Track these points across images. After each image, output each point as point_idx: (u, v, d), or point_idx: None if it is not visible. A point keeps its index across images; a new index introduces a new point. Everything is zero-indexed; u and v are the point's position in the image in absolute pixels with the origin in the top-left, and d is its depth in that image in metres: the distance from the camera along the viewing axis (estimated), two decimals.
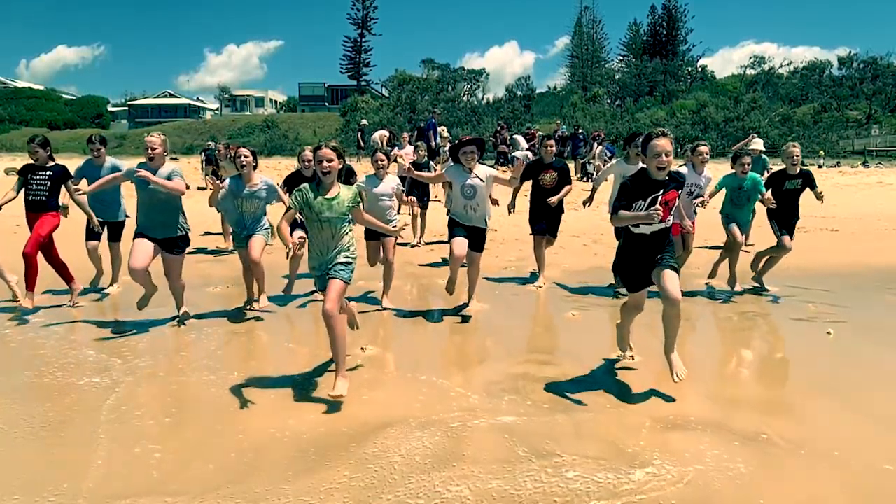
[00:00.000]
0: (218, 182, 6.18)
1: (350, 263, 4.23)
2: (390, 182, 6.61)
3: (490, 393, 4.29)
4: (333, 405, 4.01)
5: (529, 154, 20.77)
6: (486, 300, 7.05)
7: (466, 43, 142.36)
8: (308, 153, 6.60)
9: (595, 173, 19.58)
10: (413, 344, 5.64)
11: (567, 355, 5.38)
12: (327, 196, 4.16)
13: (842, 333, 5.88)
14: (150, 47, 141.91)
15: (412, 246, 10.36)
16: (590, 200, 7.79)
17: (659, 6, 57.47)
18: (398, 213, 10.53)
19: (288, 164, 22.93)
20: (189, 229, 5.89)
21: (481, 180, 6.07)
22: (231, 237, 7.12)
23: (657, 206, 4.04)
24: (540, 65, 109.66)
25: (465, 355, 5.23)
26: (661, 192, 4.14)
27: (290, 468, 3.23)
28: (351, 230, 4.31)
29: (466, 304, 6.61)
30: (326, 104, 58.74)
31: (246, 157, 6.15)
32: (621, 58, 58.67)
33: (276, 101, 69.58)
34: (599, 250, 10.51)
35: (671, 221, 4.21)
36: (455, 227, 6.25)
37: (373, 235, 6.62)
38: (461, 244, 6.10)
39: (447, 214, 6.19)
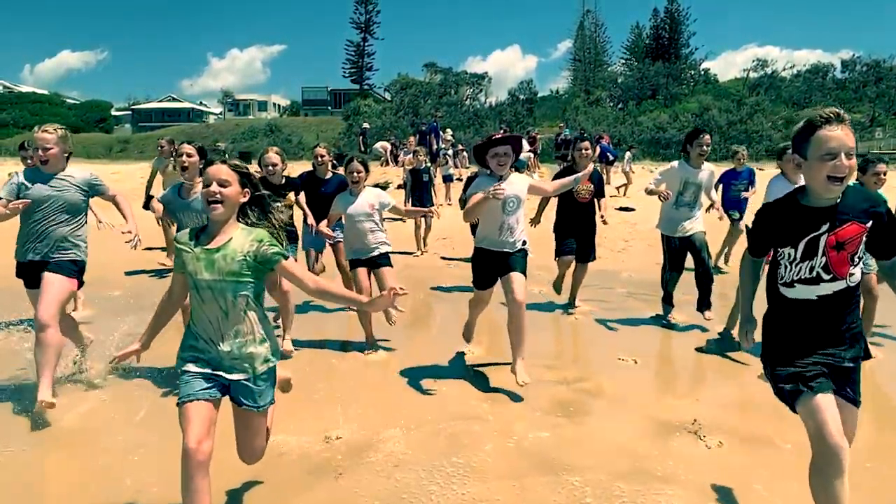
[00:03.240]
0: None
1: (271, 377, 2.72)
2: (367, 198, 5.20)
3: (496, 400, 4.27)
4: (339, 415, 4.00)
5: (531, 156, 20.78)
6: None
7: (469, 47, 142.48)
8: (272, 155, 5.40)
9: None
10: (416, 349, 5.61)
11: (571, 360, 5.36)
12: (210, 245, 2.59)
13: None
14: (153, 52, 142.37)
15: (416, 255, 10.31)
16: (664, 192, 5.93)
17: (661, 9, 57.49)
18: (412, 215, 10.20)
19: (290, 168, 22.91)
20: (85, 260, 4.34)
21: (523, 189, 4.60)
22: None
23: (819, 258, 2.40)
24: (542, 68, 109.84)
25: (469, 360, 5.21)
26: (827, 228, 2.40)
27: (296, 481, 3.19)
28: (258, 303, 2.68)
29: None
30: (329, 108, 58.78)
31: (189, 155, 4.54)
32: (623, 61, 58.62)
33: (279, 105, 69.67)
34: (601, 253, 10.48)
35: (857, 277, 2.45)
36: (482, 269, 4.67)
37: (360, 263, 5.30)
38: (485, 298, 4.90)
39: (475, 237, 4.74)
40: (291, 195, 5.42)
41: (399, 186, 15.81)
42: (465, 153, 21.97)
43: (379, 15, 58.71)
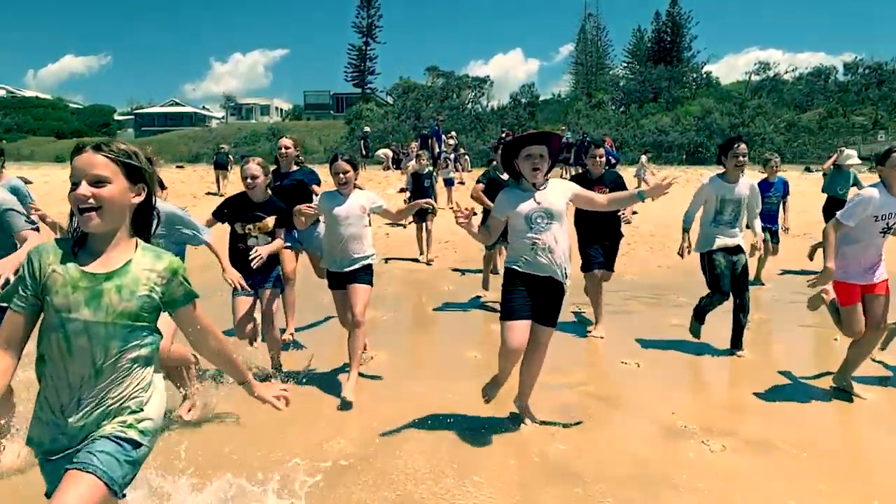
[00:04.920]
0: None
1: (128, 452, 1.82)
2: (359, 199, 4.50)
3: (500, 404, 4.25)
4: (338, 425, 3.99)
5: None
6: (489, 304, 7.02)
7: (471, 50, 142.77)
8: (252, 167, 4.51)
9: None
10: (419, 353, 5.61)
11: (574, 363, 5.34)
12: (92, 269, 1.79)
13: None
14: (156, 56, 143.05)
15: (418, 261, 10.21)
16: (687, 247, 5.47)
17: (663, 13, 57.60)
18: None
19: None
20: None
21: (559, 201, 3.64)
22: None
23: None
24: (544, 72, 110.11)
25: (471, 364, 5.20)
26: None
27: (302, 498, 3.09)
28: (154, 356, 1.94)
29: (519, 419, 3.98)
30: (332, 112, 58.91)
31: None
32: (625, 64, 58.72)
33: (281, 110, 69.83)
34: None
35: None
36: (515, 294, 3.64)
37: (339, 281, 4.53)
38: (520, 331, 3.63)
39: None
40: (270, 220, 4.51)
41: (401, 190, 15.84)
42: (466, 156, 22.00)
43: (381, 19, 59.03)
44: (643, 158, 19.47)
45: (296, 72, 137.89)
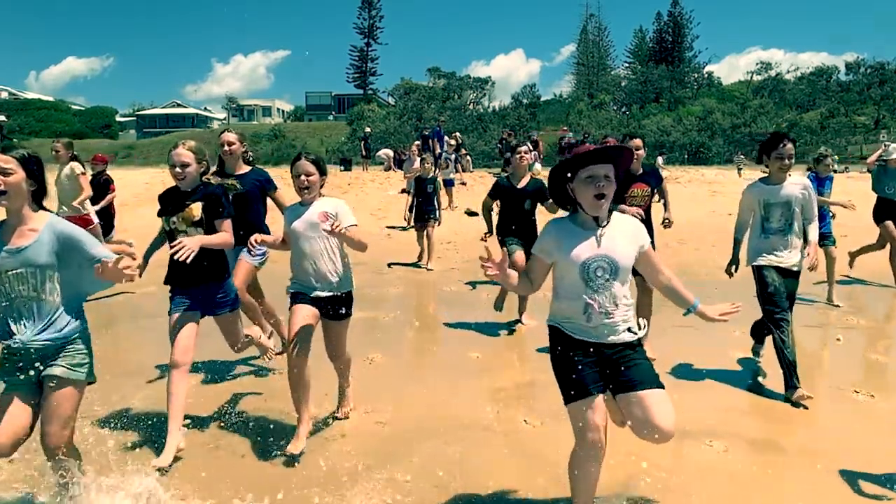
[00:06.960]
0: None
1: None
2: (322, 207, 3.64)
3: (500, 405, 4.23)
4: (341, 429, 3.97)
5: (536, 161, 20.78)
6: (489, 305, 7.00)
7: (472, 51, 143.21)
8: (182, 152, 3.64)
9: None
10: (422, 354, 5.59)
11: None
12: None
13: (853, 340, 5.81)
14: (158, 57, 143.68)
15: (418, 265, 9.89)
16: (735, 263, 4.80)
17: (664, 13, 57.63)
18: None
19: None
20: None
21: (627, 251, 2.61)
22: None
23: None
24: (546, 72, 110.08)
25: (474, 364, 5.18)
26: None
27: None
28: None
29: None
30: (333, 113, 59.11)
31: (6, 173, 2.60)
32: (627, 65, 58.80)
33: (283, 111, 70.01)
34: None
35: None
36: (575, 360, 2.59)
37: (302, 299, 3.65)
38: (600, 415, 2.60)
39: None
40: (195, 206, 3.63)
41: (402, 191, 15.82)
42: (468, 157, 21.99)
43: (382, 20, 59.10)
44: (659, 160, 19.44)
45: (297, 73, 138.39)
